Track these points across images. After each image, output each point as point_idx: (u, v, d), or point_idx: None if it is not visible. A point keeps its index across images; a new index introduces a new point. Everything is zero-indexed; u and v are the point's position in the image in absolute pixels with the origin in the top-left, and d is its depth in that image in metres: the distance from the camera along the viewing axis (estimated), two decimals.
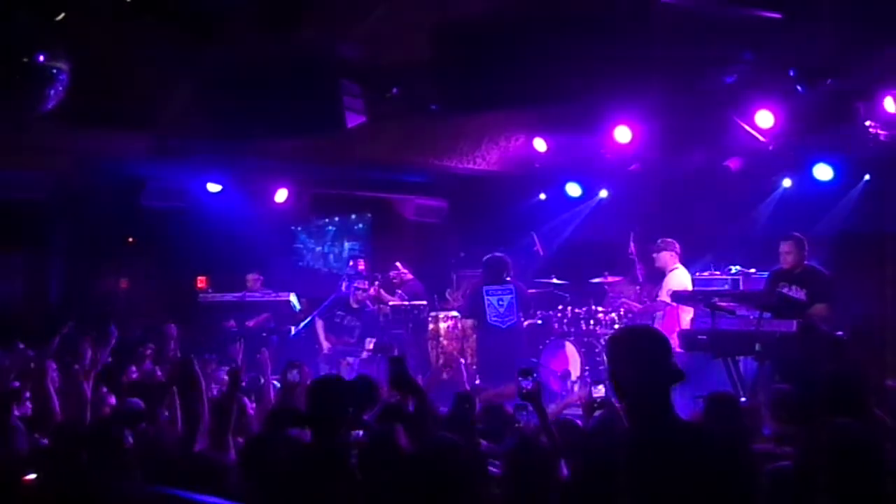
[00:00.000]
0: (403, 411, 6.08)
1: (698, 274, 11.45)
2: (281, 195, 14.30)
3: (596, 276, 12.61)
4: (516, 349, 11.30)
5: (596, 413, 5.76)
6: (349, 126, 10.60)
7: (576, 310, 12.33)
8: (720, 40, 8.66)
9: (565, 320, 12.31)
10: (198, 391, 6.09)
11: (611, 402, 5.63)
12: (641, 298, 11.88)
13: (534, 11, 9.16)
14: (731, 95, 10.33)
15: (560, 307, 12.48)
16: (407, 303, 13.10)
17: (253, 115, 10.68)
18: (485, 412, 6.57)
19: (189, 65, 10.24)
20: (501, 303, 11.42)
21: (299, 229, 16.68)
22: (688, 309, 10.73)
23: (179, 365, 6.61)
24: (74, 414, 6.79)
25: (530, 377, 5.53)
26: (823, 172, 11.59)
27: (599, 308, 12.31)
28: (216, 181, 13.60)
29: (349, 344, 12.34)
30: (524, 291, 11.69)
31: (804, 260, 9.69)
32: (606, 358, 3.89)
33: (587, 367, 11.59)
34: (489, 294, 11.47)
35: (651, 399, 3.65)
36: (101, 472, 3.93)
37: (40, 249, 13.73)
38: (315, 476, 4.12)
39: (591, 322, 12.16)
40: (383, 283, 13.18)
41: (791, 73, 9.00)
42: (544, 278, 12.91)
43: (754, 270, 11.17)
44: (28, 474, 4.90)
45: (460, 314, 12.93)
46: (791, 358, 8.73)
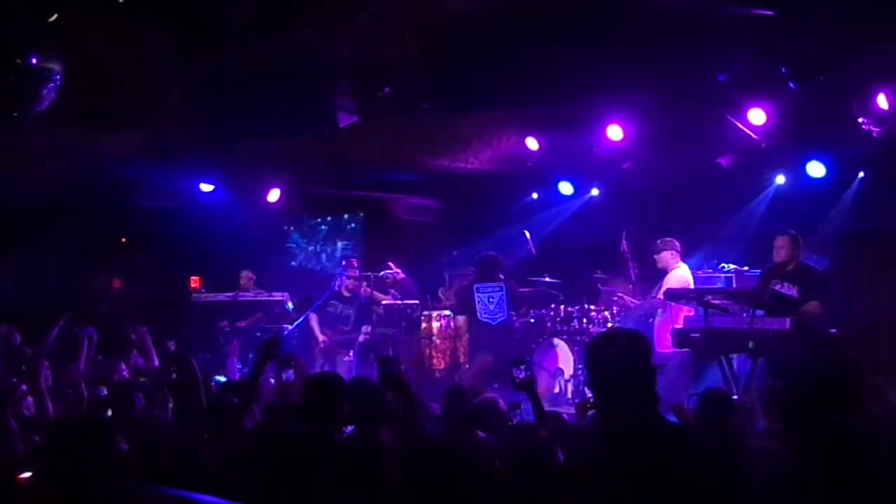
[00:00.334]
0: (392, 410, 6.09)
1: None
2: (273, 195, 14.27)
3: (589, 275, 12.63)
4: (508, 345, 11.35)
5: (589, 412, 5.77)
6: (341, 125, 10.62)
7: (568, 308, 12.37)
8: (712, 38, 8.67)
9: (558, 319, 12.36)
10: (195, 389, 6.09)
11: None
12: (635, 297, 11.89)
13: (525, 10, 9.17)
14: (724, 93, 10.32)
15: (553, 306, 12.52)
16: (400, 302, 13.11)
17: (245, 115, 10.69)
18: (480, 407, 6.59)
19: (181, 65, 10.24)
20: (492, 300, 11.51)
21: (292, 229, 16.65)
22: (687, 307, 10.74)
23: (176, 363, 6.61)
24: (68, 412, 6.78)
25: (523, 366, 5.55)
26: (816, 170, 11.58)
27: (592, 306, 12.35)
28: (209, 181, 13.57)
29: (344, 332, 12.36)
30: (515, 289, 11.75)
31: (798, 257, 9.71)
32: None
33: (580, 366, 11.58)
34: (480, 291, 11.60)
35: (630, 402, 3.65)
36: (97, 471, 3.93)
37: (33, 250, 13.70)
38: (312, 471, 4.12)
39: (584, 320, 12.20)
40: (376, 283, 13.18)
41: (783, 71, 9.00)
42: (537, 277, 12.93)
43: (747, 268, 11.20)
44: (23, 472, 4.89)
45: (452, 312, 12.97)
46: (784, 355, 8.75)
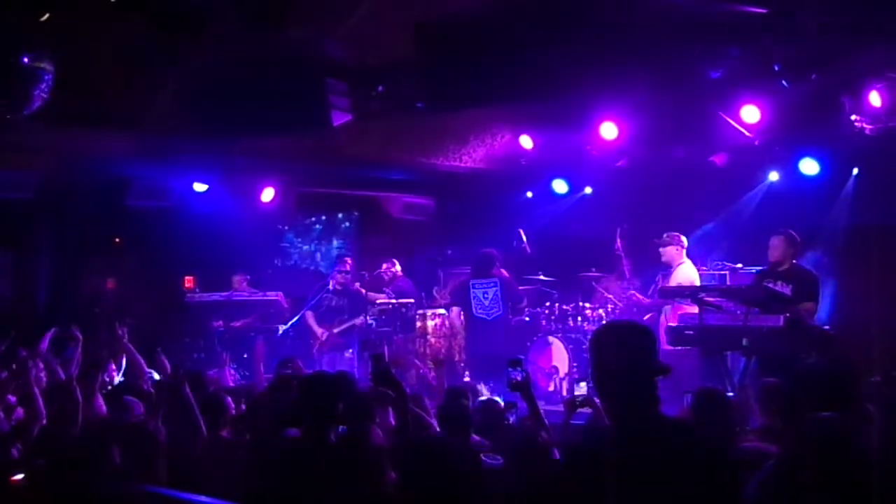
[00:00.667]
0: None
1: None
2: (267, 194, 14.23)
3: (583, 272, 12.63)
4: (503, 340, 11.41)
5: (579, 410, 5.77)
6: (335, 124, 10.59)
7: (563, 306, 12.38)
8: (705, 35, 8.66)
9: (553, 317, 12.37)
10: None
11: (592, 400, 5.64)
12: (628, 293, 11.90)
13: (519, 8, 9.17)
14: (717, 90, 10.32)
15: (547, 304, 12.53)
16: (394, 300, 13.11)
17: (239, 114, 10.66)
18: (479, 408, 6.61)
19: (174, 64, 10.22)
20: (486, 295, 11.57)
21: (286, 228, 16.61)
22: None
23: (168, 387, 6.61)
24: (63, 416, 6.74)
25: (519, 368, 5.54)
26: (809, 167, 11.59)
27: (587, 304, 12.36)
28: (202, 180, 13.53)
29: (343, 322, 12.34)
30: (510, 283, 11.76)
31: (792, 258, 9.71)
32: (590, 355, 3.87)
33: (575, 364, 11.61)
34: (475, 287, 11.70)
35: (636, 394, 3.65)
36: (94, 474, 3.93)
37: (26, 250, 13.66)
38: (306, 473, 4.12)
39: (579, 318, 12.21)
40: (371, 281, 13.17)
41: (776, 68, 8.99)
42: (531, 275, 12.93)
43: (741, 265, 11.21)
44: (16, 475, 4.88)
45: (447, 310, 12.96)
46: (778, 352, 8.76)
